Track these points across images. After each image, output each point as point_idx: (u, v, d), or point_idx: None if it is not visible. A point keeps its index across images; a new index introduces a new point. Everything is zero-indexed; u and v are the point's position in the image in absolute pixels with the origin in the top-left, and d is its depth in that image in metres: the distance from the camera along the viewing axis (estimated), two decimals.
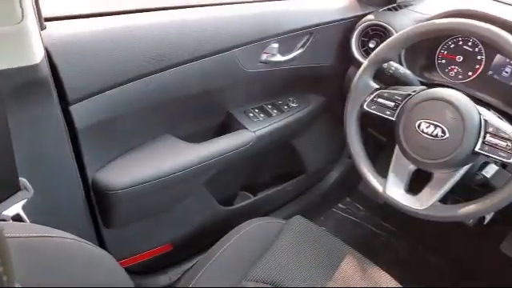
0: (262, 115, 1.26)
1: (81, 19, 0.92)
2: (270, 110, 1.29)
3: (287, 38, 1.16)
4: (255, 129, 1.21)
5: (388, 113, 0.97)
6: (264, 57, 1.14)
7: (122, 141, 1.02)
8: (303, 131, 1.47)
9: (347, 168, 1.75)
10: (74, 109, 0.86)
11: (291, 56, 1.20)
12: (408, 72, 1.07)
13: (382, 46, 0.99)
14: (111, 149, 1.01)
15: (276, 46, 1.14)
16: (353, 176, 1.80)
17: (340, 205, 1.87)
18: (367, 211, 1.84)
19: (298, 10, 1.21)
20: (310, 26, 1.19)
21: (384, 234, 1.76)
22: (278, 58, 1.17)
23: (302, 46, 1.21)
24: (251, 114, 1.25)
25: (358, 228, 1.79)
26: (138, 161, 1.03)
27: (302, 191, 1.68)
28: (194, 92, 1.05)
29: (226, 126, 1.22)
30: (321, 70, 1.31)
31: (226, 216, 1.37)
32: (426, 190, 0.94)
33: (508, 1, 1.25)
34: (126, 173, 0.98)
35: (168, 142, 1.09)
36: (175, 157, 1.07)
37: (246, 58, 1.09)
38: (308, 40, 1.21)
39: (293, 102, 1.34)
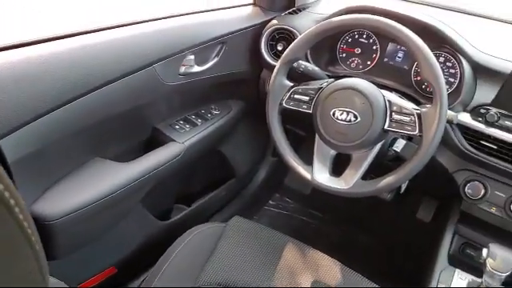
0: (187, 126, 1.30)
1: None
2: (194, 120, 1.33)
3: (202, 49, 1.21)
4: (183, 140, 1.25)
5: (305, 106, 1.06)
6: (182, 69, 1.18)
7: (54, 169, 1.01)
8: (228, 137, 1.53)
9: (272, 166, 1.84)
10: (3, 143, 0.84)
11: (207, 66, 1.25)
12: (316, 68, 1.18)
13: (289, 47, 1.08)
14: (44, 179, 0.99)
15: (192, 57, 1.19)
16: (278, 172, 1.90)
17: (271, 201, 1.95)
18: (296, 203, 1.95)
19: (209, 21, 1.27)
20: (221, 36, 1.25)
21: (315, 222, 1.88)
22: (196, 69, 1.22)
23: (217, 56, 1.27)
24: (177, 126, 1.29)
25: (290, 220, 1.89)
26: (72, 188, 1.02)
27: (234, 194, 1.74)
28: (119, 111, 1.07)
29: (155, 141, 1.24)
30: (237, 76, 1.38)
31: (166, 230, 1.39)
32: (348, 171, 1.04)
33: None
34: (61, 201, 0.97)
35: (99, 165, 1.09)
36: (108, 178, 1.08)
37: (165, 72, 1.13)
38: (221, 49, 1.27)
39: (215, 110, 1.40)
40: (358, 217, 1.81)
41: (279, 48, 1.32)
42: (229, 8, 1.35)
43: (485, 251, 0.98)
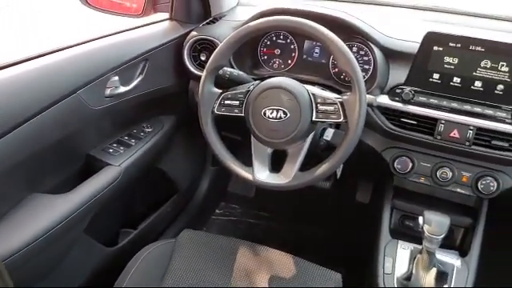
0: (121, 148, 1.29)
1: None
2: (127, 141, 1.32)
3: (125, 69, 1.20)
4: (119, 162, 1.24)
5: (236, 111, 1.09)
6: (108, 91, 1.17)
7: None
8: (165, 153, 1.53)
9: (214, 175, 1.85)
10: None
11: (133, 85, 1.25)
12: (241, 73, 1.22)
13: (212, 56, 1.11)
14: None
15: (116, 78, 1.18)
16: (221, 181, 1.92)
17: (217, 210, 1.97)
18: (242, 208, 1.98)
19: (129, 40, 1.26)
20: (142, 53, 1.25)
21: (262, 222, 1.92)
22: (122, 89, 1.21)
23: (141, 73, 1.27)
24: (111, 150, 1.27)
25: (239, 225, 1.92)
26: (11, 228, 0.98)
27: (180, 209, 1.73)
28: (50, 142, 1.04)
29: (90, 168, 1.21)
30: (164, 92, 1.38)
31: (115, 256, 1.36)
32: (285, 166, 1.08)
33: None
34: (4, 242, 0.93)
35: (37, 200, 1.06)
36: (48, 213, 1.04)
37: (90, 97, 1.11)
38: (145, 66, 1.28)
39: (147, 128, 1.39)
40: (303, 210, 1.87)
41: (202, 58, 1.35)
42: (146, 25, 1.35)
43: (421, 219, 1.07)
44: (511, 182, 1.14)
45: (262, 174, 1.09)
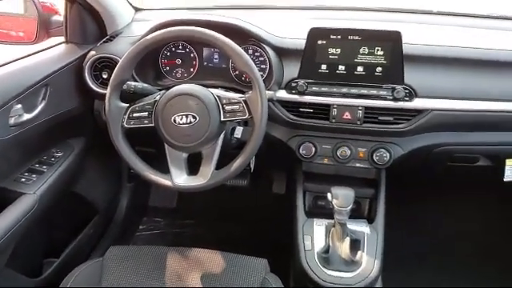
0: (34, 176, 1.26)
1: None
2: (39, 168, 1.29)
3: (27, 96, 1.19)
4: (33, 190, 1.21)
5: (146, 121, 1.13)
6: (12, 120, 1.14)
7: None
8: (79, 175, 1.51)
9: (132, 191, 1.86)
10: None
11: (37, 111, 1.23)
12: (146, 85, 1.25)
13: (114, 72, 1.14)
14: None
15: (19, 106, 1.16)
16: (140, 196, 1.93)
17: (141, 226, 1.97)
18: (166, 219, 2.00)
19: (27, 66, 1.24)
20: (42, 79, 1.24)
21: (187, 230, 1.95)
22: (26, 116, 1.19)
23: (44, 99, 1.26)
24: (23, 179, 1.24)
25: (164, 237, 1.94)
26: None
27: (102, 230, 1.72)
28: None
29: (4, 200, 1.18)
30: (70, 114, 1.37)
31: (43, 286, 1.32)
32: (202, 167, 1.14)
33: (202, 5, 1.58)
34: None
35: None
36: None
37: None
38: (46, 91, 1.26)
39: (57, 153, 1.38)
40: (225, 210, 1.94)
41: (104, 76, 1.36)
42: (43, 51, 1.34)
43: (329, 195, 1.18)
44: (401, 150, 1.30)
45: (180, 178, 1.13)
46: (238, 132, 1.23)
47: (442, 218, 1.87)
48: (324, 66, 1.26)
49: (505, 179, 1.31)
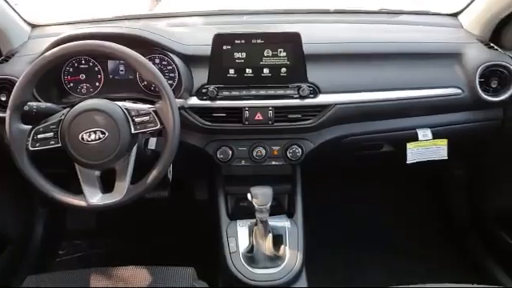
0: None
1: None
2: None
3: None
4: None
5: (52, 142, 1.08)
6: None
7: None
8: None
9: (46, 216, 1.76)
10: None
11: None
12: (49, 104, 1.20)
13: (12, 94, 1.08)
14: None
15: None
16: (56, 220, 1.83)
17: (60, 251, 1.87)
18: (86, 241, 1.91)
19: None
20: None
21: (111, 249, 1.88)
22: None
23: None
24: None
25: (86, 259, 1.85)
26: None
27: (17, 261, 1.61)
28: None
29: None
30: None
31: None
32: (117, 183, 1.11)
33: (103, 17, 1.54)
34: None
35: None
36: None
37: None
38: None
39: None
40: (149, 224, 1.90)
41: (3, 99, 1.28)
42: None
43: (249, 196, 1.21)
44: (312, 145, 1.36)
45: (94, 197, 1.10)
46: (152, 143, 1.21)
47: (357, 204, 1.97)
48: (232, 71, 1.28)
49: (408, 162, 1.41)
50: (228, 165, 1.36)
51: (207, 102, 1.29)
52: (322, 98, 1.30)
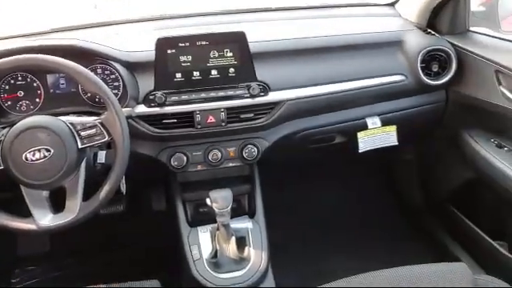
0: None
1: None
2: None
3: None
4: None
5: None
6: None
7: None
8: None
9: None
10: None
11: None
12: None
13: None
14: None
15: None
16: (5, 248, 1.73)
17: (13, 280, 1.77)
18: (41, 266, 1.82)
19: None
20: None
21: (69, 270, 1.80)
22: None
23: None
24: None
25: (43, 285, 1.76)
26: None
27: None
28: None
29: None
30: None
31: None
32: (68, 201, 1.06)
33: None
34: None
35: None
36: None
37: None
38: None
39: None
40: (107, 240, 1.83)
41: None
42: None
43: (208, 200, 1.19)
44: (267, 143, 1.36)
45: (44, 219, 1.05)
46: (102, 157, 1.17)
47: (316, 198, 1.99)
48: (179, 75, 1.25)
49: (360, 150, 1.44)
50: (183, 171, 1.33)
51: (156, 109, 1.25)
52: (272, 96, 1.30)
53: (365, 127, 1.43)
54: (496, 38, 1.40)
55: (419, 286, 0.93)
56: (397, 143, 1.46)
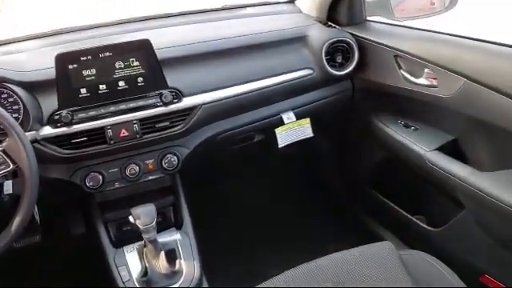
0: None
1: None
2: None
3: None
4: None
5: None
6: None
7: None
8: None
9: None
10: None
11: None
12: None
13: None
14: None
15: None
16: None
17: None
18: None
19: None
20: None
21: None
22: None
23: None
24: None
25: None
26: None
27: None
28: None
29: None
30: None
31: None
32: None
33: None
34: None
35: None
36: None
37: None
38: None
39: None
40: (27, 275, 1.69)
41: None
42: None
43: (131, 218, 1.14)
44: (187, 150, 1.33)
45: None
46: (8, 187, 1.08)
47: (244, 198, 1.99)
48: (84, 90, 1.19)
49: (279, 146, 1.47)
50: (101, 191, 1.26)
51: (63, 129, 1.17)
52: (186, 102, 1.27)
53: (281, 123, 1.45)
54: (392, 25, 1.49)
55: (348, 271, 0.96)
56: (312, 135, 1.50)
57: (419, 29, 1.41)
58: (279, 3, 1.75)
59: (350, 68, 1.47)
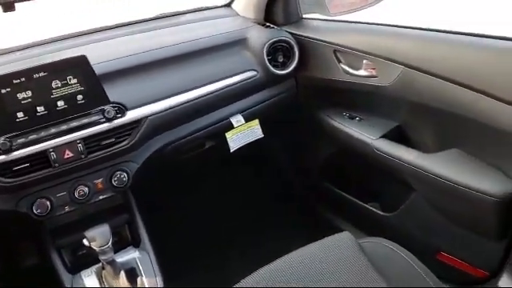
0: None
1: None
2: None
3: None
4: None
5: None
6: None
7: None
8: None
9: None
10: None
11: None
12: None
13: None
14: None
15: None
16: None
17: None
18: None
19: None
20: None
21: None
22: None
23: None
24: None
25: None
26: None
27: None
28: None
29: None
30: None
31: None
32: None
33: None
34: None
35: None
36: None
37: None
38: None
39: None
40: None
41: None
42: None
43: (85, 241, 1.10)
44: (136, 165, 1.29)
45: None
46: None
47: (203, 210, 1.96)
48: (21, 114, 1.13)
49: (231, 150, 1.46)
50: (50, 217, 1.20)
51: (2, 157, 1.11)
52: (130, 115, 1.24)
53: (231, 127, 1.45)
54: (328, 20, 1.52)
55: (310, 267, 0.97)
56: (262, 135, 1.51)
57: (355, 22, 1.45)
58: (216, 8, 1.75)
59: (292, 66, 1.49)
